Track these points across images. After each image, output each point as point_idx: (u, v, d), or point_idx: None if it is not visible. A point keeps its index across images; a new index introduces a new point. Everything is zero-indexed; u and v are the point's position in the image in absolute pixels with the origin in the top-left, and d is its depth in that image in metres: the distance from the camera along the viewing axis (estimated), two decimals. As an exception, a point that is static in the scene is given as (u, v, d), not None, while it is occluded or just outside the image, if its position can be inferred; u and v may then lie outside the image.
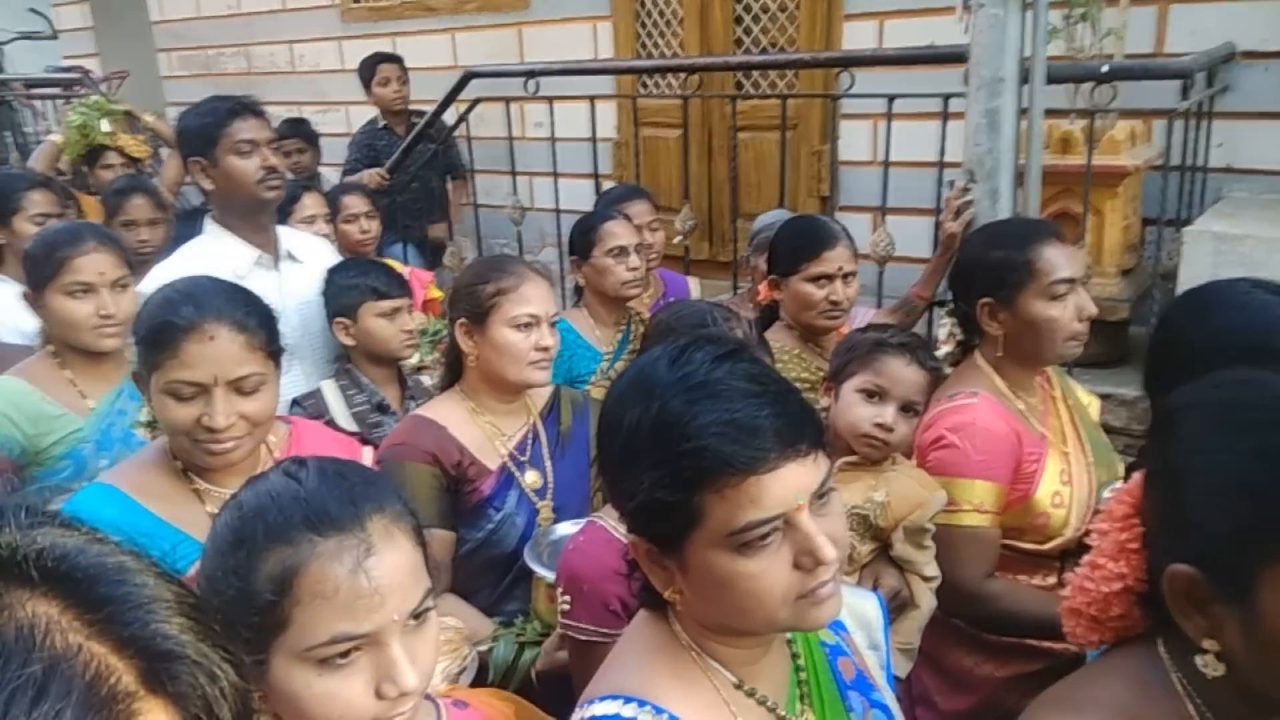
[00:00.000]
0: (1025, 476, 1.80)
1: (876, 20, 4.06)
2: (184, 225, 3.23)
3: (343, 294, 2.48)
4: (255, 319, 1.53)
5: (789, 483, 0.92)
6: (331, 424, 2.28)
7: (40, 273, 1.99)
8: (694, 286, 3.30)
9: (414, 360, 3.17)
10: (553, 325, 1.96)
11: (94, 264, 1.98)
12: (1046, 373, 1.97)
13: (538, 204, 4.86)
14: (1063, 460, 1.86)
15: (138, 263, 3.16)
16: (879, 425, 1.78)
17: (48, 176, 3.68)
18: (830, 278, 2.25)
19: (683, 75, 4.32)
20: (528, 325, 1.91)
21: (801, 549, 0.93)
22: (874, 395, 1.80)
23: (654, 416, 0.95)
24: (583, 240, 2.73)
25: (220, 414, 1.44)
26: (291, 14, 6.36)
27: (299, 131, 4.94)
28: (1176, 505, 0.93)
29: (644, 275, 2.76)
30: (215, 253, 2.39)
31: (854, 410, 1.81)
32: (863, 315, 2.60)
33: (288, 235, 2.59)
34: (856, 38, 4.10)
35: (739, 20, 4.41)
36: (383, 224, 4.62)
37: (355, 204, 3.58)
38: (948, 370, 2.02)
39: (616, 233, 2.68)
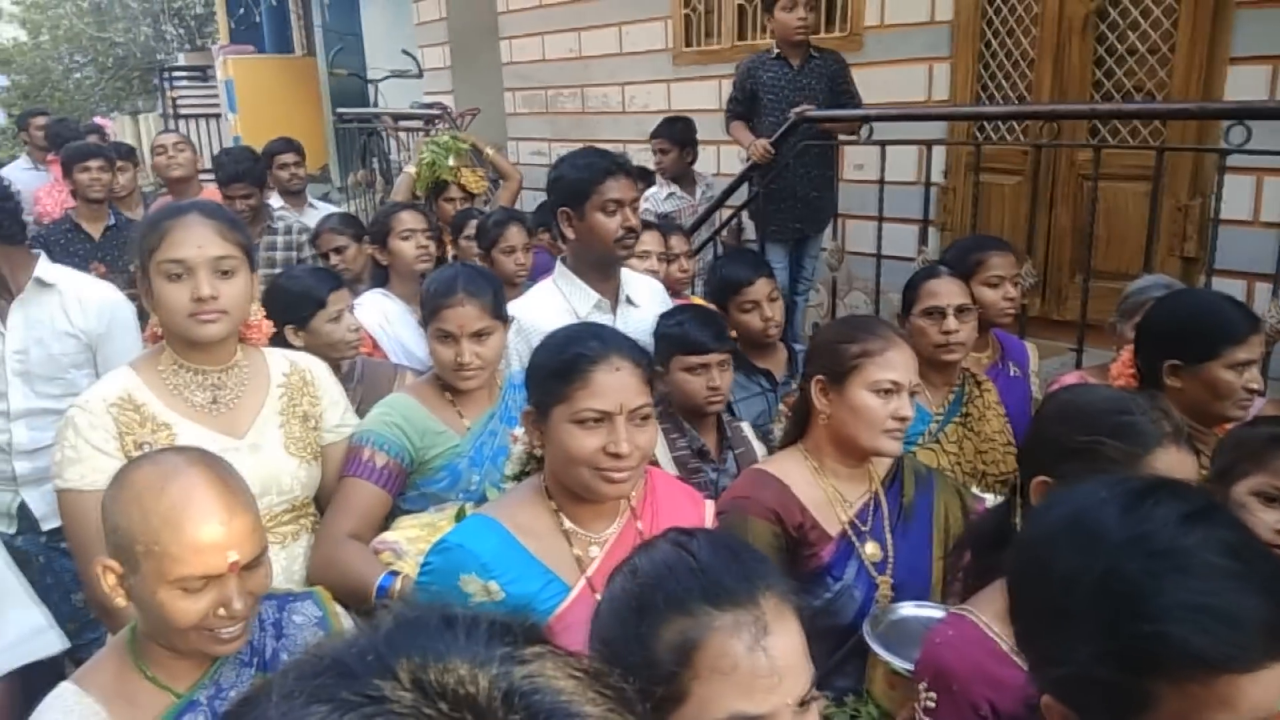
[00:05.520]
0: None
1: (1269, 65, 3.59)
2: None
3: (659, 341, 2.47)
4: (644, 356, 1.62)
5: (1272, 688, 0.76)
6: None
7: (424, 312, 2.21)
8: (1032, 353, 3.05)
9: None
10: (913, 396, 1.87)
11: (455, 316, 2.13)
12: None
13: (853, 248, 4.75)
14: None
15: (515, 285, 3.44)
16: None
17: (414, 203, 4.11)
18: (1249, 364, 2.01)
19: (1025, 120, 4.09)
20: (889, 391, 1.83)
21: None
22: (1275, 500, 1.60)
23: (1100, 578, 0.81)
24: (908, 294, 2.60)
25: (624, 440, 1.51)
26: (627, 57, 6.72)
27: (668, 133, 5.02)
28: None
29: (964, 340, 2.52)
30: (559, 294, 2.53)
31: (1251, 518, 1.59)
32: (1255, 405, 2.26)
33: (630, 280, 2.67)
34: (1243, 84, 3.65)
35: (1100, 62, 4.07)
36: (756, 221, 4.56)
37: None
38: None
39: (937, 291, 2.51)
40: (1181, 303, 2.18)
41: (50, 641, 1.68)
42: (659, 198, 4.90)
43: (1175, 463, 1.42)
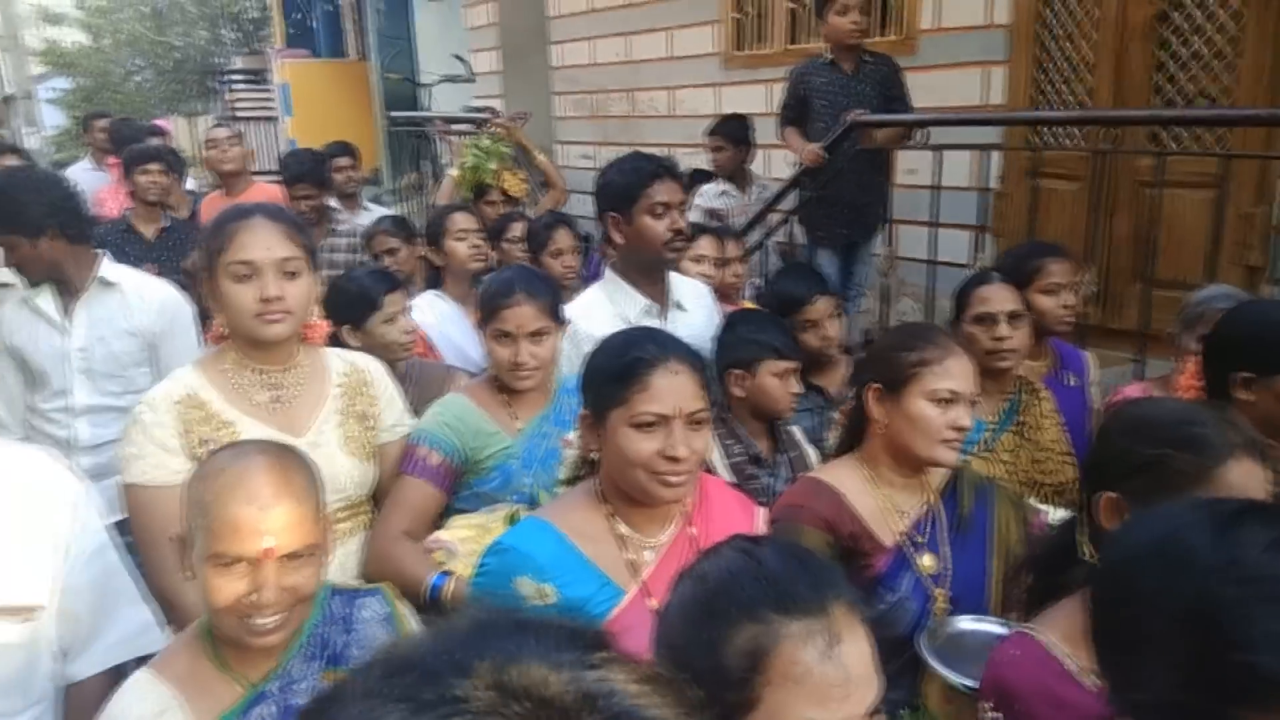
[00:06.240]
0: None
1: (1341, 68, 3.49)
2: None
3: (742, 346, 2.47)
4: (700, 361, 1.62)
5: None
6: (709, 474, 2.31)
7: (482, 313, 2.23)
8: (1091, 363, 2.98)
9: None
10: (970, 406, 1.84)
11: (514, 316, 2.15)
12: None
13: (905, 253, 4.70)
14: None
15: (564, 288, 3.44)
16: None
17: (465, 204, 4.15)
18: None
19: (1084, 126, 4.02)
20: (947, 401, 1.81)
21: None
22: None
23: (1188, 603, 0.80)
24: (959, 301, 2.57)
25: (681, 444, 1.51)
26: (677, 61, 6.72)
27: (724, 130, 5.01)
28: None
29: (1016, 348, 2.48)
30: (610, 299, 2.54)
31: None
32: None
33: (678, 284, 2.67)
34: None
35: (1161, 67, 3.99)
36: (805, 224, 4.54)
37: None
38: None
39: (988, 297, 2.48)
40: (1253, 313, 2.12)
41: (158, 638, 1.72)
42: (711, 194, 4.84)
43: (1247, 475, 1.38)
